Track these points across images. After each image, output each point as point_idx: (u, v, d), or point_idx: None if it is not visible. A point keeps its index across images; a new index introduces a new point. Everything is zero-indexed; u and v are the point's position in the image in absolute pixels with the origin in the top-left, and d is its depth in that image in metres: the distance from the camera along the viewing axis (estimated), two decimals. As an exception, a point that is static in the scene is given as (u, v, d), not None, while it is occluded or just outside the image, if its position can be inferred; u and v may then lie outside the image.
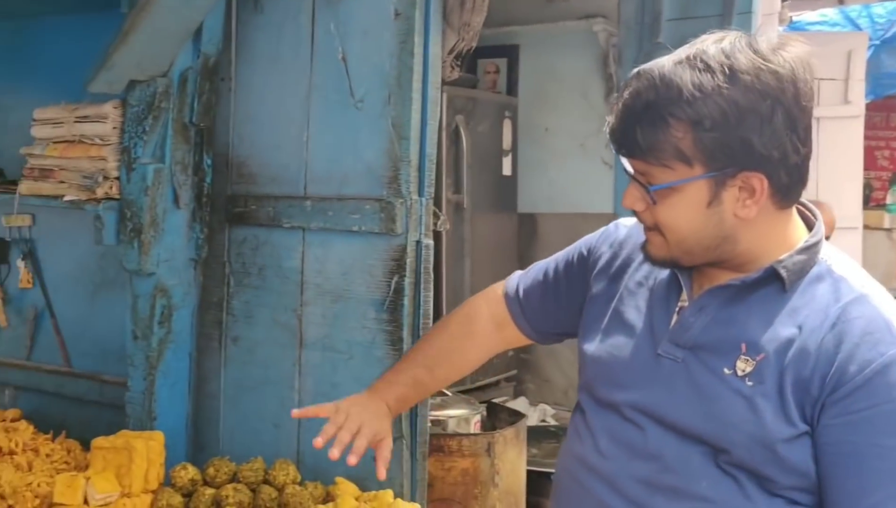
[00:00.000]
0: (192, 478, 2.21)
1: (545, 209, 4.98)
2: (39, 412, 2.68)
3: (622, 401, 1.51)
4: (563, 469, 1.63)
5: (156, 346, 2.34)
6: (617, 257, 1.64)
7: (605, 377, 1.56)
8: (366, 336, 2.33)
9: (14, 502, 2.05)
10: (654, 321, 1.52)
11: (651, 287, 1.55)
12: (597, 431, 1.55)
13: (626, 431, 1.50)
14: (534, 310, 1.81)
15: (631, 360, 1.52)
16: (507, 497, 2.65)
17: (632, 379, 1.51)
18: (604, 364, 1.57)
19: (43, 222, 2.77)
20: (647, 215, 1.44)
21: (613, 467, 1.50)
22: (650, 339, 1.51)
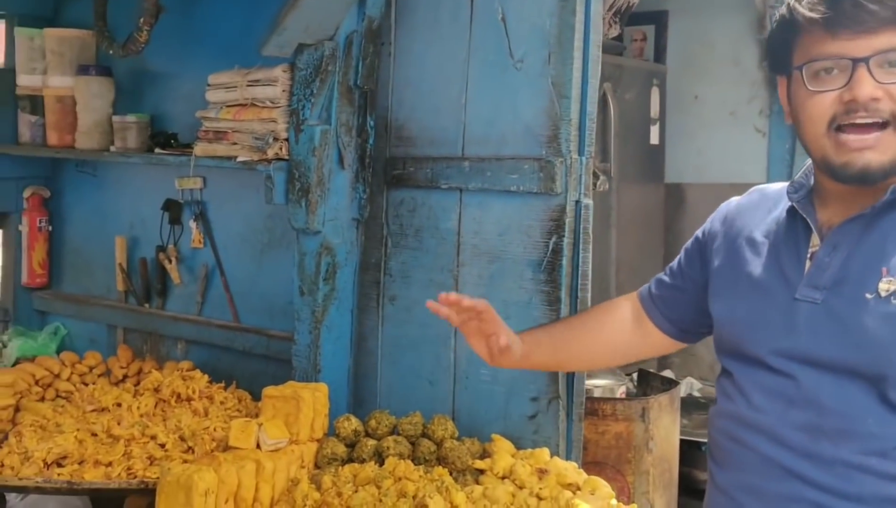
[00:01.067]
0: (355, 429, 2.29)
1: (693, 179, 4.84)
2: (209, 365, 2.83)
3: (767, 353, 1.50)
4: (719, 431, 1.61)
5: (321, 302, 2.43)
6: (733, 227, 1.64)
7: (745, 334, 1.55)
8: (522, 297, 2.33)
9: (193, 444, 2.18)
10: (786, 271, 1.51)
11: (773, 243, 1.55)
12: (747, 388, 1.53)
13: (777, 382, 1.48)
14: (665, 301, 1.81)
15: (769, 312, 1.51)
16: (660, 463, 2.62)
17: (773, 330, 1.50)
18: (742, 323, 1.56)
19: (213, 184, 2.91)
20: (885, 102, 1.36)
21: (771, 420, 1.48)
22: (785, 288, 1.50)
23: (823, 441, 1.43)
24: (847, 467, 1.41)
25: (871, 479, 1.40)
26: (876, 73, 1.36)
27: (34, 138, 3.19)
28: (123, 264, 3.12)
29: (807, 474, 1.44)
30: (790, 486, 1.45)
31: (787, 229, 1.54)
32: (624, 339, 1.85)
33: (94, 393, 2.44)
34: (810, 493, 1.43)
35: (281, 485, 2.08)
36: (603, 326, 1.87)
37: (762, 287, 1.53)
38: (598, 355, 1.91)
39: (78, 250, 3.36)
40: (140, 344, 3.09)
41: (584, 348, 1.88)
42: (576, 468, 2.13)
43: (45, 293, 3.39)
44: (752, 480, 1.51)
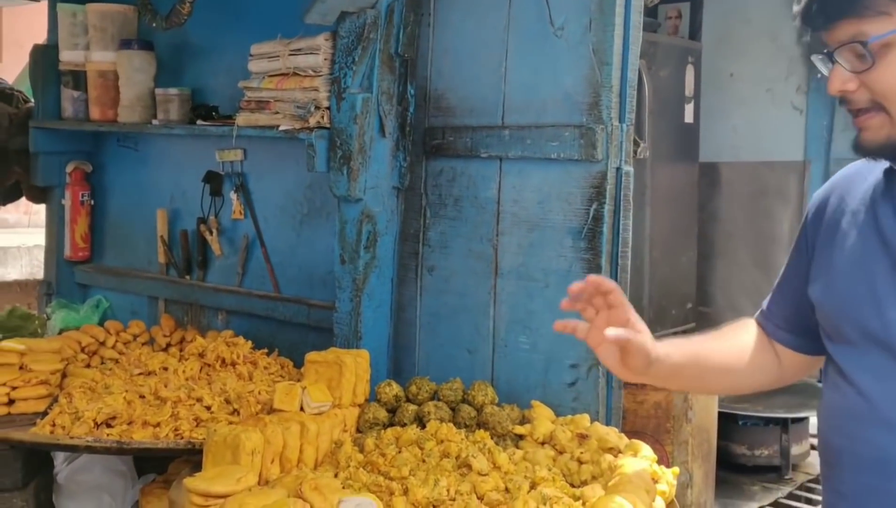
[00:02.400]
0: (396, 394, 2.31)
1: (728, 158, 4.80)
2: (250, 335, 2.86)
3: (872, 331, 1.38)
4: (828, 427, 1.47)
5: (362, 269, 2.45)
6: (824, 212, 1.54)
7: (845, 313, 1.43)
8: (562, 265, 2.34)
9: (238, 406, 2.21)
10: (887, 235, 1.39)
11: (871, 208, 1.44)
12: (854, 375, 1.40)
13: (887, 363, 1.36)
14: (782, 312, 1.65)
15: (870, 284, 1.39)
16: (699, 433, 2.62)
17: (876, 304, 1.37)
18: (840, 300, 1.44)
19: (253, 156, 2.94)
20: (860, 93, 1.33)
21: (886, 407, 1.35)
22: (886, 254, 1.38)
23: None
24: None
25: None
26: (843, 62, 1.33)
27: (77, 113, 3.24)
28: (165, 236, 3.16)
29: None
30: None
31: (886, 191, 1.41)
32: (761, 356, 1.65)
33: (140, 357, 2.48)
34: None
35: (325, 447, 2.11)
36: (741, 337, 1.67)
37: (860, 258, 1.41)
38: (739, 372, 1.65)
39: (119, 223, 3.41)
40: (181, 315, 3.14)
41: (724, 359, 1.64)
42: (616, 432, 2.14)
43: (87, 267, 3.44)
44: (872, 481, 1.36)
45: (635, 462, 1.92)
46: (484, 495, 1.82)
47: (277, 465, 2.02)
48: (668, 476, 1.97)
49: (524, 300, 2.40)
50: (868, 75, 1.32)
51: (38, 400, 2.31)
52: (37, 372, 2.33)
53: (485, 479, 1.85)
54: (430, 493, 1.76)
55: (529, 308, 2.39)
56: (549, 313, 2.36)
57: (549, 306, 2.35)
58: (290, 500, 1.66)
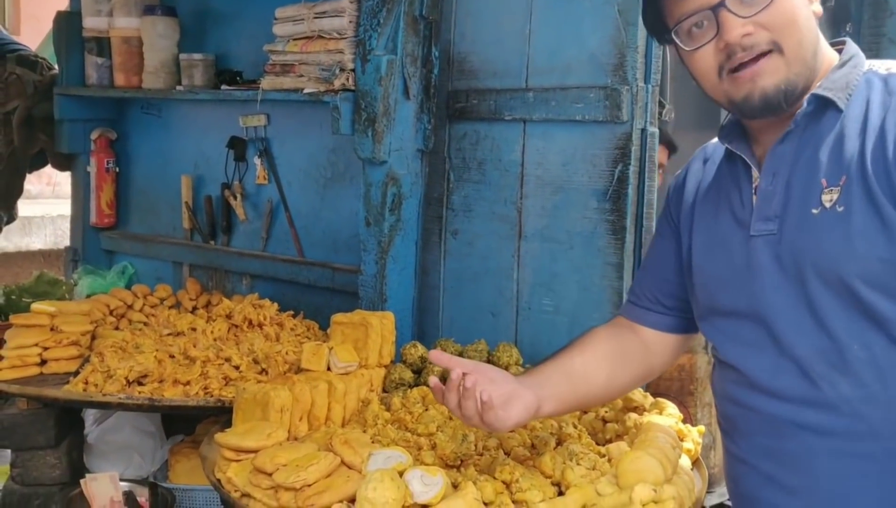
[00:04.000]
0: (422, 356, 2.33)
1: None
2: (275, 299, 2.87)
3: (743, 306, 1.45)
4: (721, 398, 1.56)
5: (387, 232, 2.46)
6: (682, 194, 1.61)
7: (717, 292, 1.50)
8: (587, 226, 2.34)
9: (266, 366, 2.24)
10: (737, 213, 1.47)
11: (721, 190, 1.51)
12: (732, 350, 1.48)
13: (759, 334, 1.43)
14: (650, 296, 1.69)
15: (734, 261, 1.46)
16: (722, 395, 2.62)
17: (742, 279, 1.44)
18: (709, 279, 1.51)
19: (277, 121, 2.95)
20: (757, 34, 1.34)
21: (763, 376, 1.43)
22: (739, 229, 1.46)
23: (821, 383, 1.36)
24: (851, 402, 1.34)
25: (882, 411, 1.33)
26: (738, 10, 1.34)
27: (101, 80, 3.26)
28: (189, 202, 3.18)
29: (812, 422, 1.37)
30: (802, 440, 1.39)
31: (729, 172, 1.50)
32: (629, 351, 1.68)
33: (169, 318, 2.51)
34: (822, 443, 1.37)
35: (352, 406, 2.13)
36: (602, 345, 1.69)
37: (721, 237, 1.49)
38: (614, 376, 1.68)
39: (144, 190, 3.43)
40: (205, 280, 3.16)
41: (596, 371, 1.66)
42: (641, 391, 2.14)
43: (112, 233, 3.47)
44: (765, 441, 1.45)
45: (661, 420, 1.93)
46: (511, 450, 1.83)
47: (306, 423, 2.04)
48: (693, 434, 1.99)
49: (548, 263, 2.41)
50: (766, 13, 1.33)
51: (70, 361, 2.34)
52: (67, 333, 2.36)
53: (511, 435, 1.86)
54: (458, 448, 1.78)
55: (553, 270, 2.40)
56: (574, 274, 2.37)
57: (573, 268, 2.36)
58: (322, 453, 1.68)
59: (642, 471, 1.65)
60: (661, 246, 1.68)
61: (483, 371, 1.58)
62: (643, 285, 1.72)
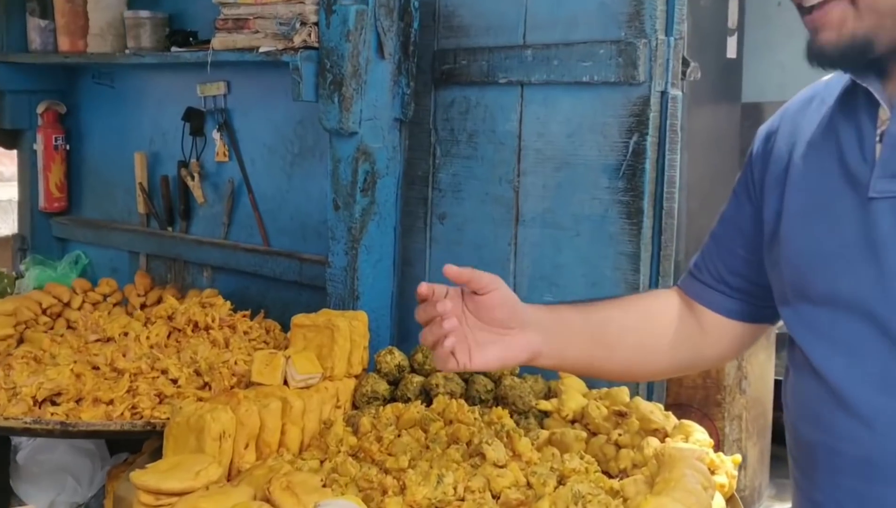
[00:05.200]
0: (399, 364, 1.98)
1: (774, 98, 4.38)
2: (237, 294, 2.53)
3: (844, 292, 1.10)
4: (800, 421, 1.18)
5: (358, 217, 2.09)
6: (773, 147, 1.25)
7: (809, 273, 1.14)
8: (596, 209, 2.00)
9: (210, 379, 1.87)
10: (853, 169, 1.11)
11: (830, 139, 1.15)
12: (823, 353, 1.13)
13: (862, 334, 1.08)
14: (718, 272, 1.35)
15: (839, 233, 1.11)
16: (755, 406, 2.25)
17: (848, 257, 1.10)
18: (801, 256, 1.16)
19: (238, 89, 2.58)
20: None
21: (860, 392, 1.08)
22: (853, 194, 1.10)
23: None
24: None
25: None
26: None
27: (45, 45, 2.89)
28: (144, 183, 2.81)
29: None
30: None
31: (846, 114, 1.14)
32: (679, 327, 1.37)
33: (98, 321, 2.14)
34: None
35: (312, 427, 1.78)
36: (649, 304, 1.41)
37: (822, 200, 1.14)
38: (651, 346, 1.37)
39: (97, 170, 3.06)
40: (164, 272, 2.80)
41: (629, 335, 1.36)
42: (662, 409, 1.78)
43: (64, 219, 3.11)
44: (854, 484, 1.10)
45: (688, 451, 1.55)
46: (500, 492, 1.46)
47: (253, 451, 1.69)
48: (727, 465, 1.61)
49: (550, 252, 2.09)
50: None
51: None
52: (-18, 338, 1.99)
53: (501, 473, 1.49)
54: (433, 493, 1.40)
55: (556, 261, 2.07)
56: (580, 266, 2.03)
57: (580, 257, 2.03)
58: (254, 504, 1.31)
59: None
60: (735, 213, 1.33)
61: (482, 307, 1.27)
62: (708, 256, 1.37)
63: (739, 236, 1.32)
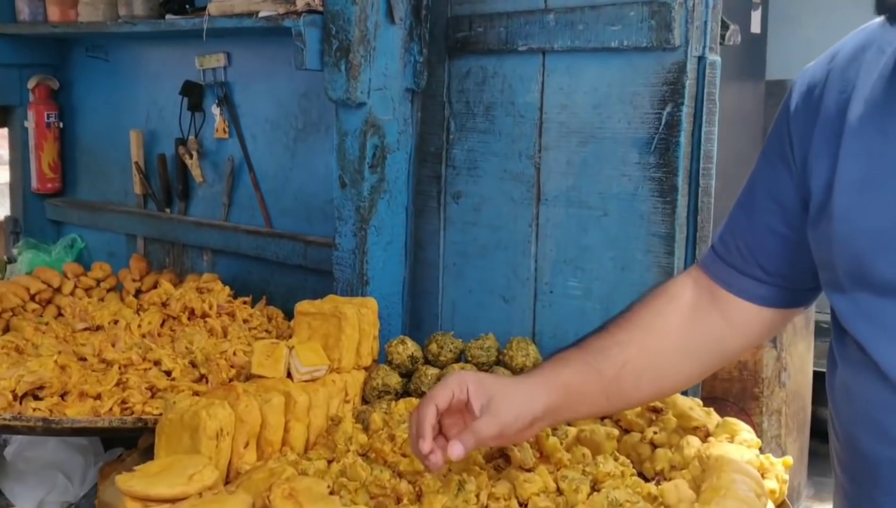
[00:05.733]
0: (412, 355, 1.83)
1: (799, 75, 4.22)
2: (239, 279, 2.39)
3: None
4: (858, 429, 1.04)
5: (367, 195, 1.93)
6: (820, 100, 1.07)
7: (868, 253, 0.99)
8: (625, 187, 1.85)
9: (206, 371, 1.72)
10: None
11: (892, 91, 0.99)
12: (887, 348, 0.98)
13: None
14: (745, 254, 1.19)
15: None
16: (795, 400, 2.09)
17: None
18: (859, 232, 1.00)
19: (238, 61, 2.42)
20: None
21: None
22: None
23: None
24: None
25: None
26: None
27: (35, 16, 2.73)
28: (140, 162, 2.66)
29: None
30: None
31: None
32: (700, 334, 1.23)
33: (87, 308, 1.98)
34: None
35: (319, 424, 1.64)
36: (665, 329, 1.24)
37: (887, 169, 0.99)
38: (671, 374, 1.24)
39: (91, 149, 2.91)
40: (162, 256, 2.65)
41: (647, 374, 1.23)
42: (701, 405, 1.62)
43: (58, 201, 2.97)
44: None
45: (735, 453, 1.39)
46: (528, 500, 1.31)
47: (253, 450, 1.55)
48: (777, 469, 1.45)
49: (575, 234, 1.94)
50: None
51: (-33, 363, 1.82)
52: (-38, 327, 1.85)
53: (529, 478, 1.34)
54: (453, 501, 1.25)
55: (582, 243, 1.92)
56: (608, 249, 1.89)
57: (607, 239, 1.88)
58: (252, 515, 1.16)
59: (720, 539, 1.13)
60: (768, 180, 1.15)
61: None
62: (738, 232, 1.20)
63: (776, 208, 1.14)
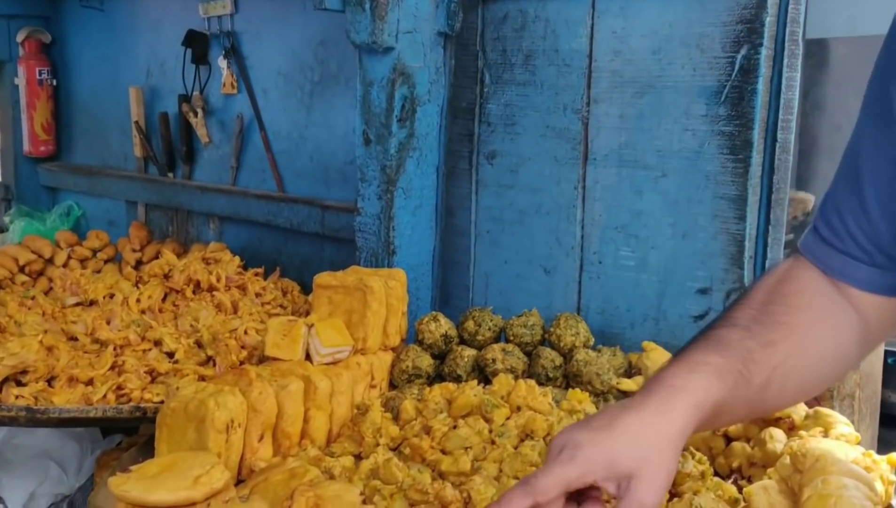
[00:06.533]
0: (446, 334, 1.64)
1: (842, 33, 3.95)
2: (250, 249, 2.20)
3: None
4: None
5: (394, 153, 1.71)
6: None
7: None
8: (689, 143, 1.66)
9: (214, 353, 1.51)
10: None
11: None
12: None
13: None
14: (857, 221, 0.98)
15: None
16: (868, 383, 1.87)
17: None
18: None
19: (247, 7, 2.23)
20: None
21: None
22: None
23: None
24: None
25: None
26: None
27: (23, -38, 2.51)
28: (141, 121, 2.45)
29: None
30: None
31: None
32: (840, 329, 1.01)
33: (79, 280, 1.77)
34: None
35: (342, 414, 1.45)
36: (801, 318, 1.00)
37: None
38: (810, 373, 1.00)
39: (88, 108, 2.70)
40: (165, 224, 2.45)
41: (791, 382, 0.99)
42: (782, 393, 1.40)
43: (52, 165, 2.76)
44: None
45: (839, 451, 1.18)
46: (599, 507, 1.10)
47: (269, 444, 1.35)
48: (883, 469, 1.24)
49: (628, 197, 1.75)
50: None
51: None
52: (-58, 301, 1.64)
53: (599, 481, 1.12)
54: None
55: (636, 208, 1.74)
56: (667, 214, 1.71)
57: (666, 204, 1.69)
58: (271, 532, 0.95)
59: (840, 562, 0.92)
60: (882, 140, 0.93)
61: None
62: (846, 213, 0.98)
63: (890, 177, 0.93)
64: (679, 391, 0.88)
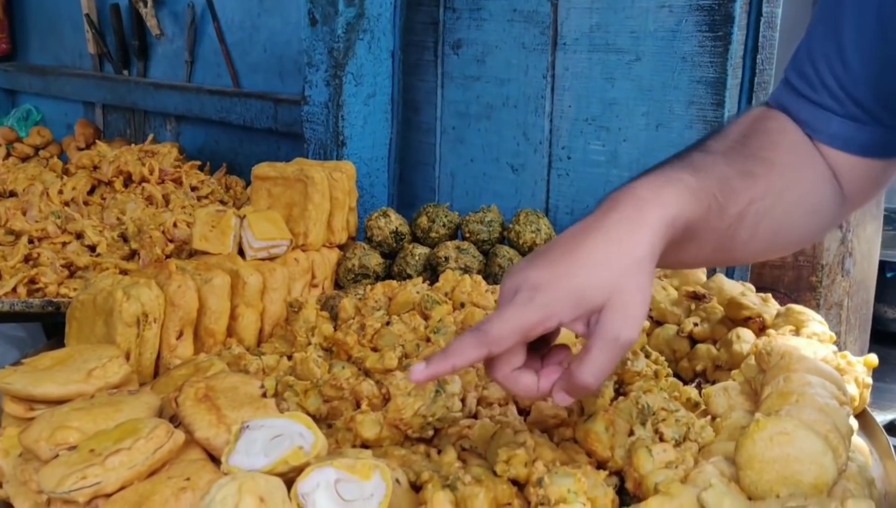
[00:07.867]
0: (396, 230, 1.51)
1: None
2: (206, 149, 2.07)
3: None
4: None
5: (342, 34, 1.56)
6: None
7: None
8: (665, 21, 1.52)
9: (139, 246, 1.38)
10: None
11: None
12: None
13: None
14: (832, 67, 0.87)
15: None
16: (859, 292, 1.75)
17: None
18: None
19: None
20: None
21: None
22: None
23: None
24: None
25: None
26: None
27: None
28: (92, 14, 2.30)
29: None
30: None
31: None
32: (817, 179, 0.91)
33: (1, 172, 1.64)
34: None
35: (275, 312, 1.32)
36: (781, 157, 0.89)
37: None
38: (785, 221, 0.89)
39: (41, 4, 2.53)
40: (122, 126, 2.31)
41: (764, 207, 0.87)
42: (754, 291, 1.28)
43: (7, 65, 2.62)
44: None
45: (807, 348, 1.06)
46: (531, 407, 0.99)
47: (190, 342, 1.24)
48: (858, 370, 1.11)
49: (600, 85, 1.60)
50: None
51: None
52: None
53: (533, 378, 1.01)
54: (430, 407, 0.93)
55: (608, 97, 1.59)
56: (641, 102, 1.56)
57: (640, 90, 1.55)
58: (147, 424, 0.83)
59: (796, 463, 0.81)
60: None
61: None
62: (820, 59, 0.88)
63: (871, 22, 0.81)
64: (649, 203, 0.75)
